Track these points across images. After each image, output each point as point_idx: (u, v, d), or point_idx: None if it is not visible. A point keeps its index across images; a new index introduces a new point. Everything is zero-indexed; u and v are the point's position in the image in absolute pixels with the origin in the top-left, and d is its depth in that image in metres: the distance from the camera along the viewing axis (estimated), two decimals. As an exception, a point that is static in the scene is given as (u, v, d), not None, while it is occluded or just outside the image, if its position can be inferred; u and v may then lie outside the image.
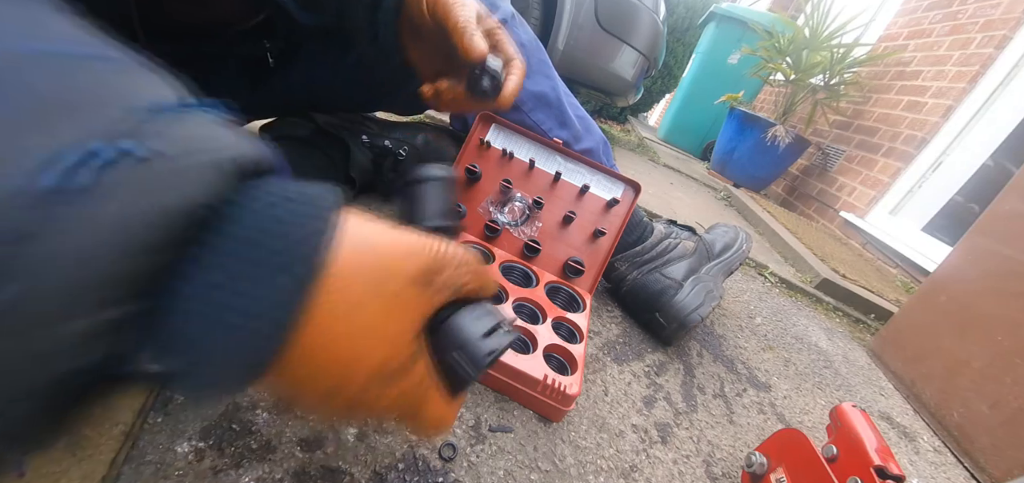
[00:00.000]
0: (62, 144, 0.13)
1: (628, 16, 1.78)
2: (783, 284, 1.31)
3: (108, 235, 0.13)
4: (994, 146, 2.00)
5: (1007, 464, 0.72)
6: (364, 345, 0.20)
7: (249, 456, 0.35)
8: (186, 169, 0.15)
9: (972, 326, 0.87)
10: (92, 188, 0.13)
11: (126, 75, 0.16)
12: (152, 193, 0.14)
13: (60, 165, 0.12)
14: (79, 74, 0.14)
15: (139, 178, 0.14)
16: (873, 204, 2.29)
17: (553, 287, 0.66)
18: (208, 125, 0.17)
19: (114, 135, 0.14)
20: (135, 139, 0.14)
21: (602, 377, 0.60)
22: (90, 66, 0.15)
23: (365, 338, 0.19)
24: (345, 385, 0.20)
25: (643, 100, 4.03)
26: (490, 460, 0.42)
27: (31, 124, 0.13)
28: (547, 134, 0.70)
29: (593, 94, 2.23)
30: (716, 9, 3.55)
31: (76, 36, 0.15)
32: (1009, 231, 0.88)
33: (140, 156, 0.14)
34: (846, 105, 2.72)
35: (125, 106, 0.15)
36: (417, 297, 0.21)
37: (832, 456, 0.46)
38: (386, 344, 0.20)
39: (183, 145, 0.15)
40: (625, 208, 0.70)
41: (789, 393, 0.76)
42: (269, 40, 0.59)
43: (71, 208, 0.13)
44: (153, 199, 0.14)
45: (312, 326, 0.18)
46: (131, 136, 0.14)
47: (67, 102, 0.14)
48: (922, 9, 2.54)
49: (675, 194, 1.96)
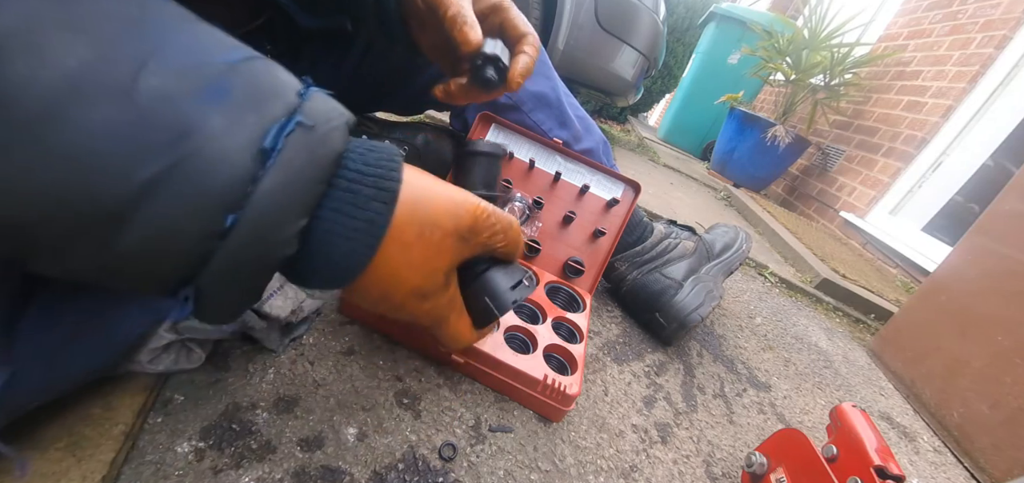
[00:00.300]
0: (267, 120, 0.21)
1: (628, 16, 1.78)
2: (783, 284, 1.31)
3: (298, 174, 0.22)
4: (994, 146, 2.00)
5: (1007, 464, 0.72)
6: (407, 274, 0.28)
7: (249, 456, 0.35)
8: (330, 131, 0.23)
9: (972, 326, 0.87)
10: (285, 146, 0.21)
11: (273, 69, 0.23)
12: (316, 148, 0.23)
13: (271, 133, 0.21)
14: (254, 72, 0.22)
15: (308, 139, 0.22)
16: (873, 204, 2.29)
17: (553, 287, 0.66)
18: (329, 100, 0.25)
19: (290, 112, 0.22)
20: (301, 114, 0.22)
21: (602, 377, 0.60)
22: (255, 65, 0.22)
23: (409, 269, 0.28)
24: (391, 295, 0.28)
25: (643, 100, 4.03)
26: (490, 460, 0.42)
27: (246, 108, 0.21)
28: (547, 134, 0.70)
29: (593, 94, 2.23)
30: (716, 9, 3.55)
31: (233, 44, 0.22)
32: (1009, 231, 0.88)
33: (307, 125, 0.22)
34: (846, 105, 2.72)
35: (289, 92, 0.23)
36: (453, 247, 0.29)
37: (832, 456, 0.46)
38: (422, 275, 0.28)
39: (325, 115, 0.23)
40: (625, 208, 0.70)
41: (789, 393, 0.76)
42: (270, 42, 0.59)
43: (279, 158, 0.21)
44: (318, 151, 0.23)
45: (380, 254, 0.26)
46: (298, 112, 0.22)
47: (258, 93, 0.21)
48: (922, 9, 2.54)
49: (675, 194, 1.96)
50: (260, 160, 0.21)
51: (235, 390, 0.39)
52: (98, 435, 0.31)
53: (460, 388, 0.49)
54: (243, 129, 0.20)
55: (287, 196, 0.21)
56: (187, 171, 0.19)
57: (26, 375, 0.26)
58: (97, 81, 0.17)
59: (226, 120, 0.20)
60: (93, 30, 0.17)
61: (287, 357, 0.44)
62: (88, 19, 0.17)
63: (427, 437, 0.42)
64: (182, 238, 0.20)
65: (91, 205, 0.18)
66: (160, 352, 0.36)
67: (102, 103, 0.17)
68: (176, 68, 0.19)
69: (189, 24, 0.21)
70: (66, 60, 0.17)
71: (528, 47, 0.44)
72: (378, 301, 0.29)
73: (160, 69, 0.18)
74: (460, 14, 0.38)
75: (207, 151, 0.19)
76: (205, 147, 0.19)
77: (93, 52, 0.17)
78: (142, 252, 0.20)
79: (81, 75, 0.17)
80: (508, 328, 0.53)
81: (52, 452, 0.30)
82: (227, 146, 0.20)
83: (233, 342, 0.43)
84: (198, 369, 0.39)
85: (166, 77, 0.19)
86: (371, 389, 0.44)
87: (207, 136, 0.19)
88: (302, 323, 0.47)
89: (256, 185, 0.20)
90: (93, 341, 0.30)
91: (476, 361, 0.48)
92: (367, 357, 0.48)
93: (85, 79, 0.17)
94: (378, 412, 0.42)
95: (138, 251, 0.19)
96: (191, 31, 0.21)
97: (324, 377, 0.44)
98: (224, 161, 0.20)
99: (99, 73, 0.17)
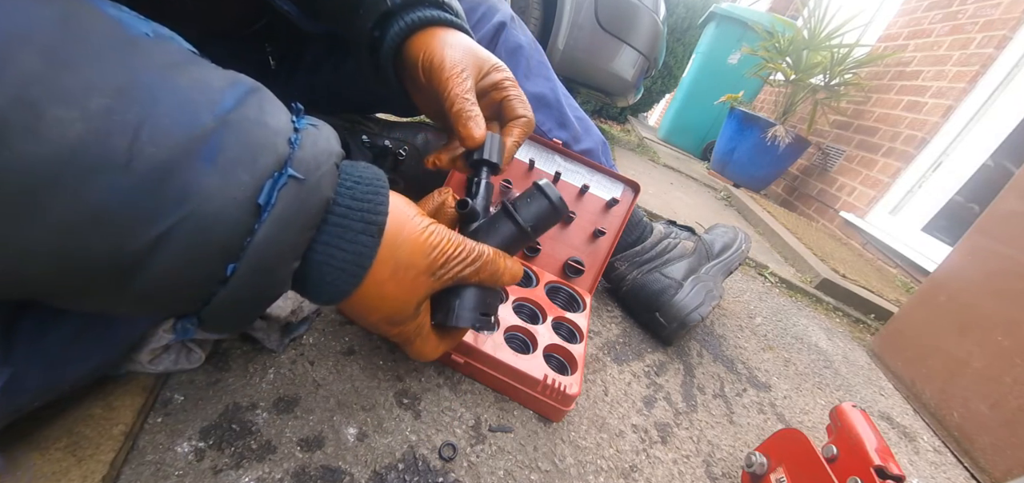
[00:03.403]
0: (259, 176, 0.22)
1: (628, 16, 1.78)
2: (783, 284, 1.31)
3: (290, 223, 0.23)
4: (994, 146, 2.00)
5: (1007, 464, 0.72)
6: (380, 304, 0.30)
7: (249, 456, 0.35)
8: (321, 179, 0.25)
9: (972, 326, 0.87)
10: (278, 200, 0.23)
11: (265, 113, 0.24)
12: (307, 198, 0.24)
13: (264, 190, 0.22)
14: (245, 125, 0.22)
15: (299, 191, 0.24)
16: (873, 204, 2.29)
17: (553, 287, 0.66)
18: (318, 140, 0.26)
19: (281, 163, 0.23)
20: (292, 166, 0.24)
21: (602, 377, 0.60)
22: (246, 113, 0.23)
23: (382, 301, 0.30)
24: (366, 318, 0.31)
25: (643, 100, 4.03)
26: (490, 460, 0.42)
27: (239, 166, 0.22)
28: (546, 135, 0.70)
29: (593, 94, 2.23)
30: (716, 9, 3.55)
31: (222, 84, 0.23)
32: (1009, 231, 0.88)
33: (298, 177, 0.24)
34: (846, 105, 2.71)
35: (280, 143, 0.24)
36: (425, 282, 0.31)
37: (832, 456, 0.46)
38: (395, 307, 0.31)
39: (315, 163, 0.25)
40: (625, 208, 0.70)
41: (789, 393, 0.76)
42: (270, 44, 0.59)
43: (273, 212, 0.23)
44: (309, 201, 0.24)
45: (362, 283, 0.28)
46: (289, 163, 0.24)
47: (249, 148, 0.22)
48: (922, 9, 2.54)
49: (675, 194, 1.96)
50: (255, 213, 0.22)
51: (235, 390, 0.39)
52: (98, 435, 0.31)
53: (460, 388, 0.49)
54: (237, 187, 0.21)
55: (281, 244, 0.23)
56: (188, 228, 0.20)
57: (26, 376, 0.26)
58: (94, 156, 0.18)
59: (220, 179, 0.21)
60: (84, 103, 0.18)
61: (287, 357, 0.44)
62: (78, 90, 0.18)
63: (427, 437, 0.42)
64: (186, 285, 0.22)
65: (97, 264, 0.19)
66: (160, 352, 0.36)
67: (101, 176, 0.18)
68: (169, 132, 0.20)
69: (177, 74, 0.21)
70: (64, 136, 0.17)
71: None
72: (354, 318, 0.32)
73: (154, 137, 0.19)
74: (464, 111, 0.38)
75: (205, 210, 0.21)
76: (203, 207, 0.21)
77: (86, 127, 0.18)
78: (150, 297, 0.22)
79: (79, 150, 0.18)
80: (508, 328, 0.53)
81: (52, 452, 0.30)
82: (223, 204, 0.21)
83: (233, 342, 0.43)
84: (198, 369, 0.39)
85: (160, 144, 0.19)
86: (371, 389, 0.44)
87: (204, 197, 0.21)
88: (302, 323, 0.47)
89: (252, 236, 0.22)
90: (93, 341, 0.30)
91: (476, 361, 0.48)
92: (367, 357, 0.48)
93: (83, 154, 0.18)
94: (378, 412, 0.42)
95: (146, 296, 0.22)
96: (179, 83, 0.21)
97: (324, 377, 0.44)
98: (221, 218, 0.21)
99: (95, 149, 0.18)
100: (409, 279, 0.30)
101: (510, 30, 0.67)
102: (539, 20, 1.64)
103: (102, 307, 0.22)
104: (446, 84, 0.38)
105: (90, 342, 0.30)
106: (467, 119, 0.38)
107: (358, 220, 0.27)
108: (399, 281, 0.29)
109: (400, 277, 0.29)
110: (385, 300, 0.30)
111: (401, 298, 0.30)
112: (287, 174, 0.23)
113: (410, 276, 0.30)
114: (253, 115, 0.23)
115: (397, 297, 0.30)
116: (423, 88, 0.41)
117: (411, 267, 0.30)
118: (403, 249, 0.29)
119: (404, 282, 0.30)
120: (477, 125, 0.39)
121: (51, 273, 0.19)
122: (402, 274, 0.29)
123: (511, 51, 0.67)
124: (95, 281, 0.20)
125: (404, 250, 0.29)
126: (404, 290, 0.30)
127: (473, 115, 0.39)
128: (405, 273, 0.30)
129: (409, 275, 0.30)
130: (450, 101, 0.38)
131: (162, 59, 0.21)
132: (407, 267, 0.29)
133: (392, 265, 0.29)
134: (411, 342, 0.35)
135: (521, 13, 1.60)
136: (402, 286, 0.30)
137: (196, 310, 0.24)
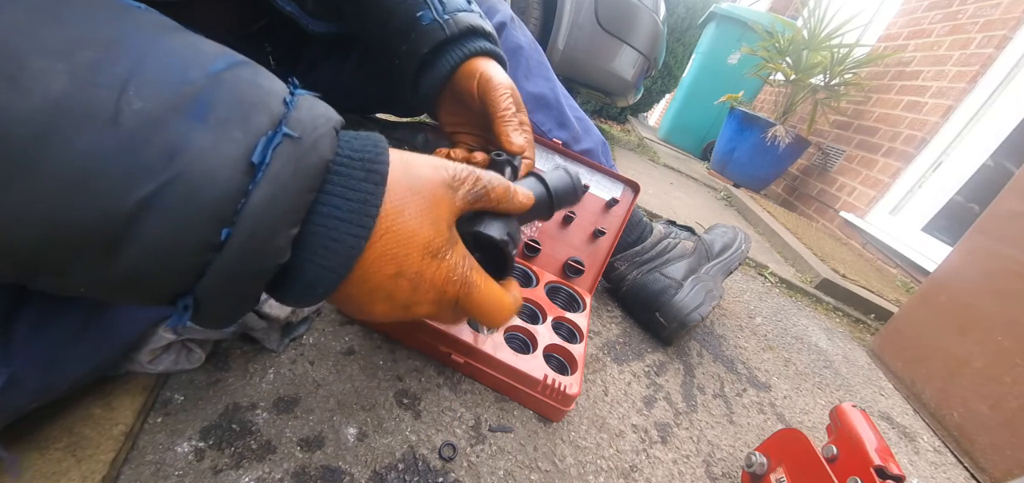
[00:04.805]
0: (253, 134, 0.21)
1: (628, 16, 1.78)
2: (783, 284, 1.31)
3: (286, 185, 0.22)
4: (994, 146, 2.00)
5: (1007, 464, 0.72)
6: (413, 227, 0.27)
7: (249, 456, 0.35)
8: (318, 139, 0.23)
9: (972, 326, 0.87)
10: (273, 159, 0.21)
11: (258, 76, 0.23)
12: (303, 158, 0.23)
13: (258, 147, 0.21)
14: (238, 83, 0.22)
15: (295, 150, 0.22)
16: (873, 204, 2.29)
17: (553, 287, 0.66)
18: (316, 105, 0.25)
19: (276, 122, 0.22)
20: (287, 125, 0.22)
21: (602, 377, 0.60)
22: (239, 74, 0.22)
23: (413, 222, 0.27)
24: (406, 263, 0.27)
25: (643, 100, 4.03)
26: (490, 460, 0.42)
27: (231, 122, 0.21)
28: (546, 135, 0.70)
29: (593, 94, 2.23)
30: (716, 9, 3.55)
31: (215, 52, 0.22)
32: (1009, 231, 0.88)
33: (294, 136, 0.22)
34: (846, 105, 2.72)
35: (274, 102, 0.23)
36: (446, 196, 0.29)
37: (832, 456, 0.46)
38: (429, 227, 0.28)
39: (312, 124, 0.23)
40: (624, 208, 0.70)
41: (789, 393, 0.76)
42: (270, 44, 0.59)
43: (267, 171, 0.21)
44: (305, 161, 0.23)
45: (379, 222, 0.26)
46: (284, 122, 0.22)
47: (242, 105, 0.21)
48: (922, 9, 2.54)
49: (675, 194, 1.96)
50: (249, 173, 0.21)
51: (235, 390, 0.39)
52: (98, 435, 0.31)
53: (460, 388, 0.49)
54: (230, 144, 0.20)
55: (277, 207, 0.22)
56: (178, 189, 0.19)
57: (25, 376, 0.26)
58: (80, 109, 0.17)
59: (212, 136, 0.20)
60: (70, 56, 0.17)
61: (287, 357, 0.44)
62: (64, 44, 0.17)
63: (427, 437, 0.42)
64: (178, 252, 0.20)
65: (86, 228, 0.18)
66: (160, 352, 0.36)
67: (87, 130, 0.17)
68: (157, 87, 0.19)
69: (167, 35, 0.21)
70: (48, 88, 0.17)
71: (524, 163, 0.49)
72: (394, 277, 0.27)
73: (142, 91, 0.19)
74: (514, 120, 0.46)
75: (196, 168, 0.19)
76: (193, 164, 0.19)
77: (71, 79, 0.17)
78: (139, 268, 0.20)
79: (63, 104, 0.17)
80: (508, 328, 0.53)
81: (52, 452, 0.30)
82: (215, 163, 0.20)
83: (233, 342, 0.43)
84: (198, 369, 0.39)
85: (148, 99, 0.19)
86: (371, 389, 0.44)
87: (194, 154, 0.19)
88: (302, 323, 0.47)
89: (247, 198, 0.21)
90: (93, 341, 0.30)
91: (476, 361, 0.48)
92: (367, 357, 0.48)
93: (68, 108, 0.17)
94: (378, 412, 0.42)
95: (135, 268, 0.20)
96: (169, 44, 0.20)
97: (324, 377, 0.44)
98: (213, 177, 0.20)
99: (80, 101, 0.17)
100: (429, 193, 0.28)
101: (510, 30, 0.67)
102: (539, 20, 1.64)
103: (88, 286, 0.21)
104: (499, 99, 0.46)
105: (89, 342, 0.30)
106: (514, 129, 0.46)
107: (359, 169, 0.25)
108: (420, 198, 0.27)
109: (419, 194, 0.27)
110: (411, 229, 0.27)
111: (429, 215, 0.28)
112: (282, 132, 0.22)
113: (429, 189, 0.28)
114: (245, 74, 0.22)
115: (424, 216, 0.27)
116: (467, 102, 0.49)
117: (428, 181, 0.28)
118: (414, 171, 0.28)
119: (425, 196, 0.28)
120: (521, 135, 0.46)
121: (37, 241, 0.18)
122: (419, 190, 0.28)
123: (511, 51, 0.67)
124: (83, 251, 0.19)
125: (415, 171, 0.28)
126: (428, 204, 0.28)
127: (519, 127, 0.47)
128: (423, 187, 0.28)
129: (428, 188, 0.28)
130: (499, 113, 0.46)
131: (152, 23, 0.20)
132: (424, 181, 0.28)
133: (407, 187, 0.27)
134: (473, 286, 0.30)
135: (521, 13, 1.60)
136: (425, 202, 0.28)
137: (189, 286, 0.22)
